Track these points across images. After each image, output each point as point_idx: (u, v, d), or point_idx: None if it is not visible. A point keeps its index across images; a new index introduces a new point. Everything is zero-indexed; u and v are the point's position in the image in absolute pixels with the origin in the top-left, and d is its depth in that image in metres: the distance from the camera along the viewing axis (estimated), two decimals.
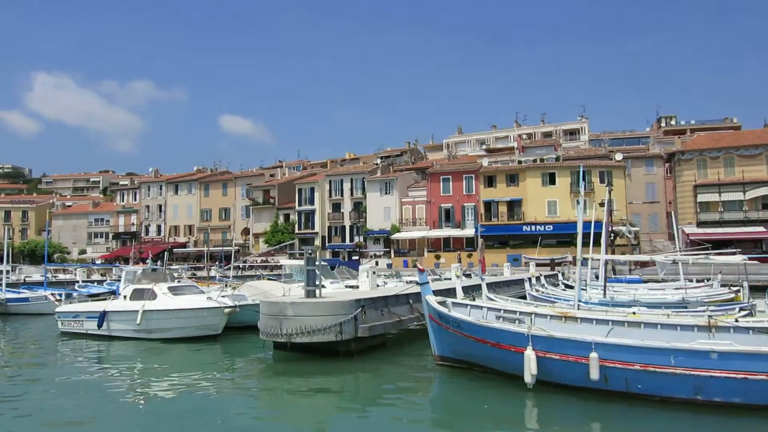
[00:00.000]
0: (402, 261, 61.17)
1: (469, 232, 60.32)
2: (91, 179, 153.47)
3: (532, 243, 57.75)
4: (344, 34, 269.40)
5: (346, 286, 21.62)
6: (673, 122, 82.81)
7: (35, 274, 48.56)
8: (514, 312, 11.04)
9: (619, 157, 60.19)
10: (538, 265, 53.63)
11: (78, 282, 33.71)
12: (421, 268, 11.89)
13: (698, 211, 55.68)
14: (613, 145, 77.43)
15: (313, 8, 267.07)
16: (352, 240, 66.34)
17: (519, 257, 56.46)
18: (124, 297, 17.84)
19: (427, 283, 11.72)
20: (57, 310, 19.20)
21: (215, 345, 16.55)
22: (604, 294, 20.24)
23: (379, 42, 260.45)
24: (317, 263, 23.53)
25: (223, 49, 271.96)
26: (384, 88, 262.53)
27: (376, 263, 61.93)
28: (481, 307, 11.44)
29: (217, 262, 62.56)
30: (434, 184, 62.84)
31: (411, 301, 15.75)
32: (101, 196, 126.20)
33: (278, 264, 64.58)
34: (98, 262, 73.53)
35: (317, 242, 67.56)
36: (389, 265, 60.51)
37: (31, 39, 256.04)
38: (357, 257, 63.46)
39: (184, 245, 75.57)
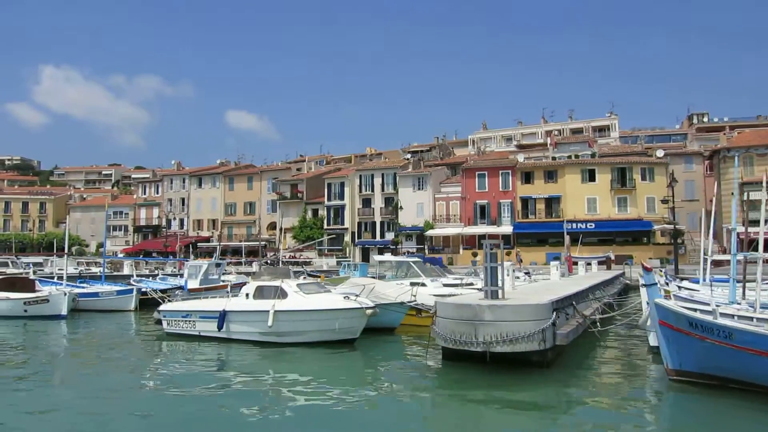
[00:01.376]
0: (437, 258, 59.86)
1: (505, 229, 58.94)
2: (103, 172, 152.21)
3: (572, 241, 56.49)
4: (356, 30, 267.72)
5: (444, 285, 20.24)
6: (705, 119, 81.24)
7: (68, 267, 47.11)
8: None
9: (660, 153, 58.81)
10: (577, 263, 52.51)
11: (133, 276, 32.23)
12: (647, 267, 10.47)
13: (745, 209, 54.20)
14: (636, 142, 76.06)
15: (325, 5, 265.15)
16: (382, 236, 65.02)
17: (560, 256, 55.04)
18: (246, 295, 15.95)
19: (655, 284, 10.30)
20: (162, 308, 17.42)
21: (354, 351, 14.84)
22: (743, 294, 18.56)
23: (392, 38, 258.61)
24: (415, 259, 22.40)
25: (232, 45, 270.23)
26: (398, 84, 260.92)
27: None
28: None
29: (244, 258, 61.31)
30: (469, 179, 61.44)
31: (593, 298, 14.45)
32: (115, 189, 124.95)
33: (308, 261, 63.56)
34: (120, 255, 72.22)
35: (347, 238, 66.32)
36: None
37: (39, 32, 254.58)
38: (390, 254, 62.15)
39: (207, 239, 74.22)
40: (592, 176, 57.88)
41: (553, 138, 70.80)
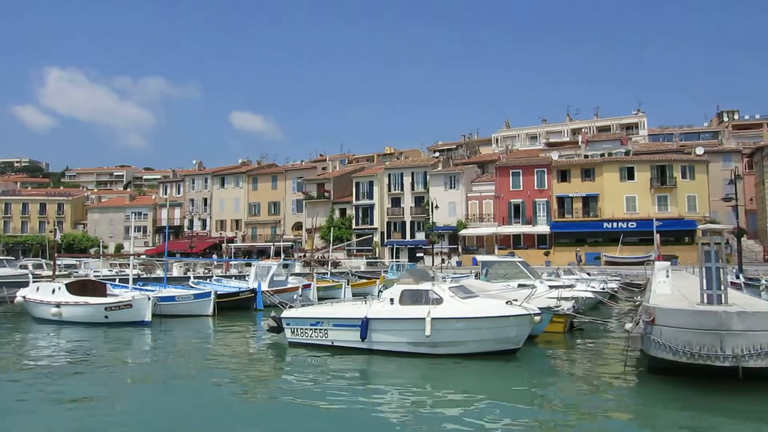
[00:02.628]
0: (471, 258, 58.51)
1: (541, 228, 57.62)
2: (115, 173, 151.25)
3: (610, 240, 55.13)
4: (362, 30, 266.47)
5: (550, 287, 18.77)
6: (735, 117, 79.79)
7: (102, 269, 45.90)
8: None
9: (699, 151, 57.39)
10: (617, 263, 51.12)
11: (190, 278, 30.66)
12: None
13: None
14: (670, 140, 74.67)
15: (337, 6, 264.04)
16: (413, 236, 63.67)
17: (599, 255, 53.70)
18: (391, 300, 13.98)
19: None
20: (285, 315, 15.32)
21: (518, 363, 13.14)
22: None
23: (400, 38, 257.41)
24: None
25: (238, 45, 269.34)
26: (411, 85, 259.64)
27: (442, 260, 59.46)
28: None
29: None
30: (503, 178, 60.10)
31: None
32: (131, 189, 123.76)
33: (337, 261, 62.17)
34: (142, 256, 70.98)
35: (376, 238, 64.99)
36: (459, 263, 57.86)
37: (45, 35, 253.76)
38: (422, 254, 60.86)
39: (231, 240, 72.94)
40: (630, 174, 56.47)
41: (584, 136, 69.48)
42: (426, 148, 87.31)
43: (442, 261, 58.08)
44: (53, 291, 20.84)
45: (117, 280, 30.02)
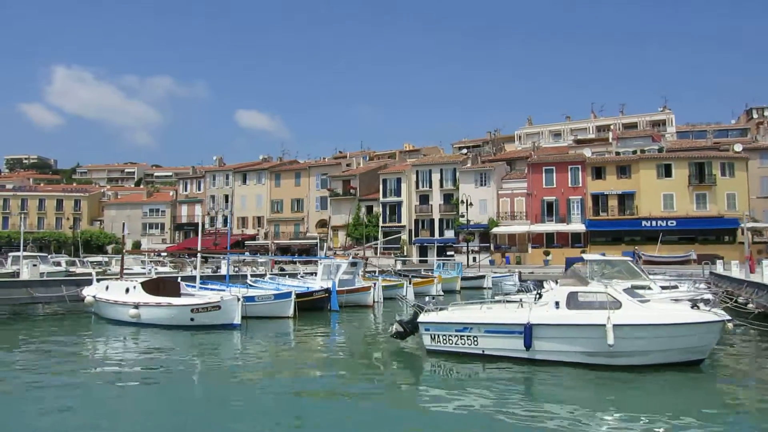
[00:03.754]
0: (504, 257, 57.36)
1: (576, 227, 56.37)
2: (126, 170, 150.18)
3: (648, 239, 53.79)
4: (368, 31, 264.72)
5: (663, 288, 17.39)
6: (766, 114, 78.27)
7: (134, 266, 44.87)
8: None
9: (738, 148, 56.07)
10: (656, 263, 49.75)
11: (247, 276, 29.20)
12: None
13: None
14: (699, 137, 73.28)
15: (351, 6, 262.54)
16: (441, 234, 62.41)
17: (638, 254, 52.39)
18: (556, 304, 12.38)
19: None
20: (423, 319, 13.70)
21: (708, 375, 11.79)
22: None
23: (409, 38, 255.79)
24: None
25: (243, 44, 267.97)
26: (422, 83, 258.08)
27: (474, 259, 58.21)
28: None
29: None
30: (535, 175, 58.81)
31: None
32: (142, 186, 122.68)
33: (366, 259, 60.93)
34: (164, 254, 69.89)
35: (404, 236, 63.77)
36: (492, 262, 56.68)
37: (53, 33, 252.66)
38: (452, 253, 59.56)
39: (253, 237, 71.84)
40: (668, 171, 55.17)
41: (615, 132, 68.17)
42: (449, 145, 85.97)
43: (474, 260, 56.90)
44: (127, 290, 19.23)
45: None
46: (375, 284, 25.10)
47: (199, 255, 23.39)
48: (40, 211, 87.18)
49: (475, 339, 13.07)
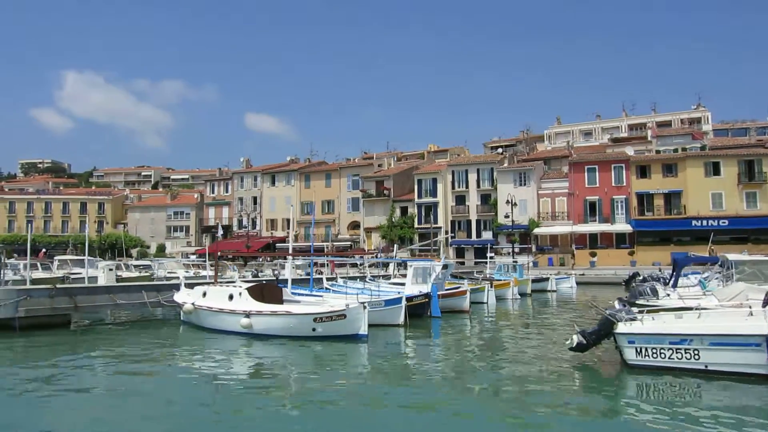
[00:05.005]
0: (547, 259, 55.91)
1: (621, 227, 54.89)
2: (143, 173, 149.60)
3: (697, 239, 52.18)
4: (377, 32, 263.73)
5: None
6: None
7: (178, 270, 43.72)
8: None
9: None
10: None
11: (325, 281, 27.26)
12: None
13: None
14: (736, 135, 71.68)
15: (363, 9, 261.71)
16: (479, 235, 61.06)
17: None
18: None
19: None
20: (626, 330, 11.91)
21: None
22: None
23: (415, 38, 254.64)
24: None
25: (254, 48, 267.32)
26: (439, 83, 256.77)
27: (515, 261, 56.77)
28: None
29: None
30: (577, 174, 57.40)
31: None
32: (161, 189, 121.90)
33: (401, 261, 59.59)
34: (192, 257, 68.84)
35: (441, 237, 62.41)
36: (535, 264, 55.20)
37: (64, 38, 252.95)
38: (492, 254, 58.13)
39: (283, 239, 70.63)
40: (716, 170, 53.64)
41: (654, 130, 66.67)
42: (479, 145, 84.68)
43: (515, 262, 55.47)
44: (230, 297, 17.38)
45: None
46: (460, 287, 23.79)
47: (289, 258, 21.95)
48: (64, 215, 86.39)
49: (696, 352, 11.29)
